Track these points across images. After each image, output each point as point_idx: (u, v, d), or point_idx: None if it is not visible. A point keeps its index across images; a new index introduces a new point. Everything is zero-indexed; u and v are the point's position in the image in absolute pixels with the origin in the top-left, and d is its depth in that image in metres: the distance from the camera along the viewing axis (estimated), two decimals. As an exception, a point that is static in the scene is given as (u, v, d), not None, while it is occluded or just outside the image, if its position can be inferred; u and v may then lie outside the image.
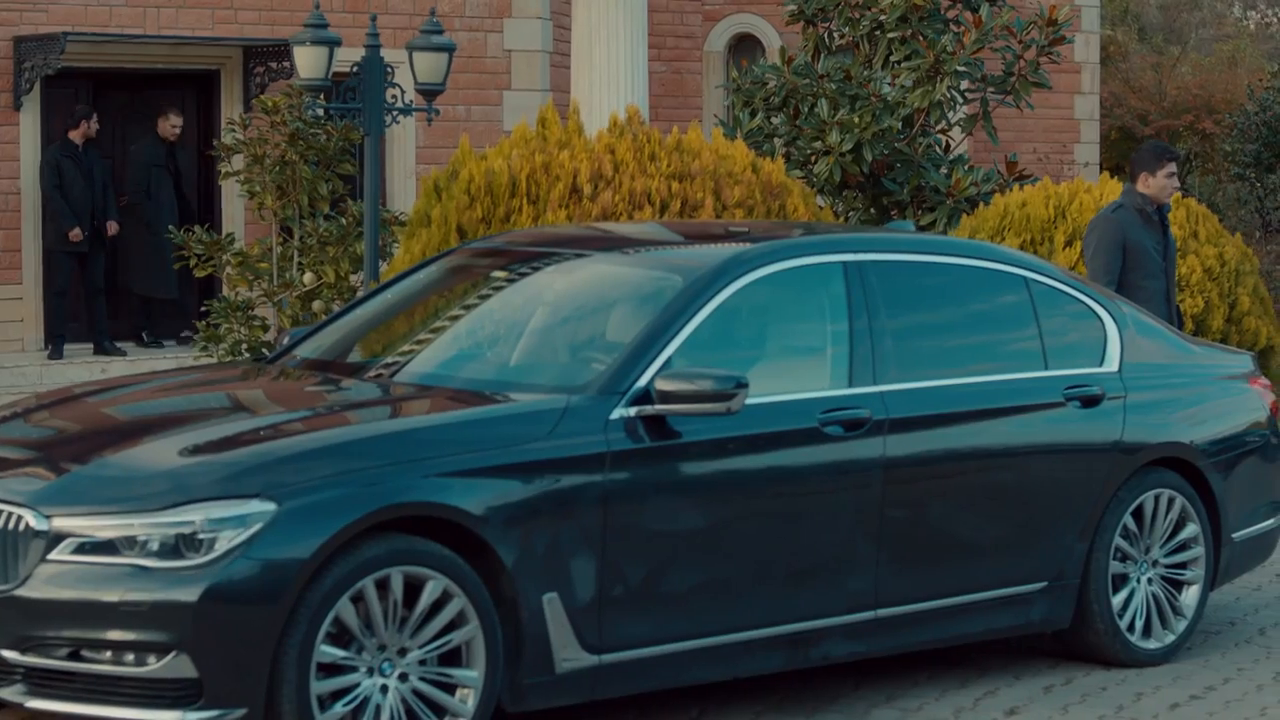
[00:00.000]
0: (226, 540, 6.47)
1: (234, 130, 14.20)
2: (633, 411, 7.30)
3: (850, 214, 15.12)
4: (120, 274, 18.45)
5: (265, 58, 18.58)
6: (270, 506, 6.52)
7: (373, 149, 12.99)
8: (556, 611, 7.10)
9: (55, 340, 17.60)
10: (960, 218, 14.17)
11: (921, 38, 14.84)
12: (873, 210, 15.14)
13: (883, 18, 15.00)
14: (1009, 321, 8.62)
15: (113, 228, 17.74)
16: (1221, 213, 24.01)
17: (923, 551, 8.07)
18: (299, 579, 6.50)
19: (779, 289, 8.01)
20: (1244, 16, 39.81)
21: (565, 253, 8.37)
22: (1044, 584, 8.47)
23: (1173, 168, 10.98)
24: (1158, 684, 8.53)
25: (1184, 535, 8.94)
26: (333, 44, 13.26)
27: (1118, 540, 8.68)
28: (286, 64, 17.86)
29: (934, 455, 8.08)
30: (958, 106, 15.30)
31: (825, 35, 15.77)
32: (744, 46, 22.41)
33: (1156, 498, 8.81)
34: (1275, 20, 40.36)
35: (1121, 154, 30.27)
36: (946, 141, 15.64)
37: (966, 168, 15.06)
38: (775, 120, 15.06)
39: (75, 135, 17.60)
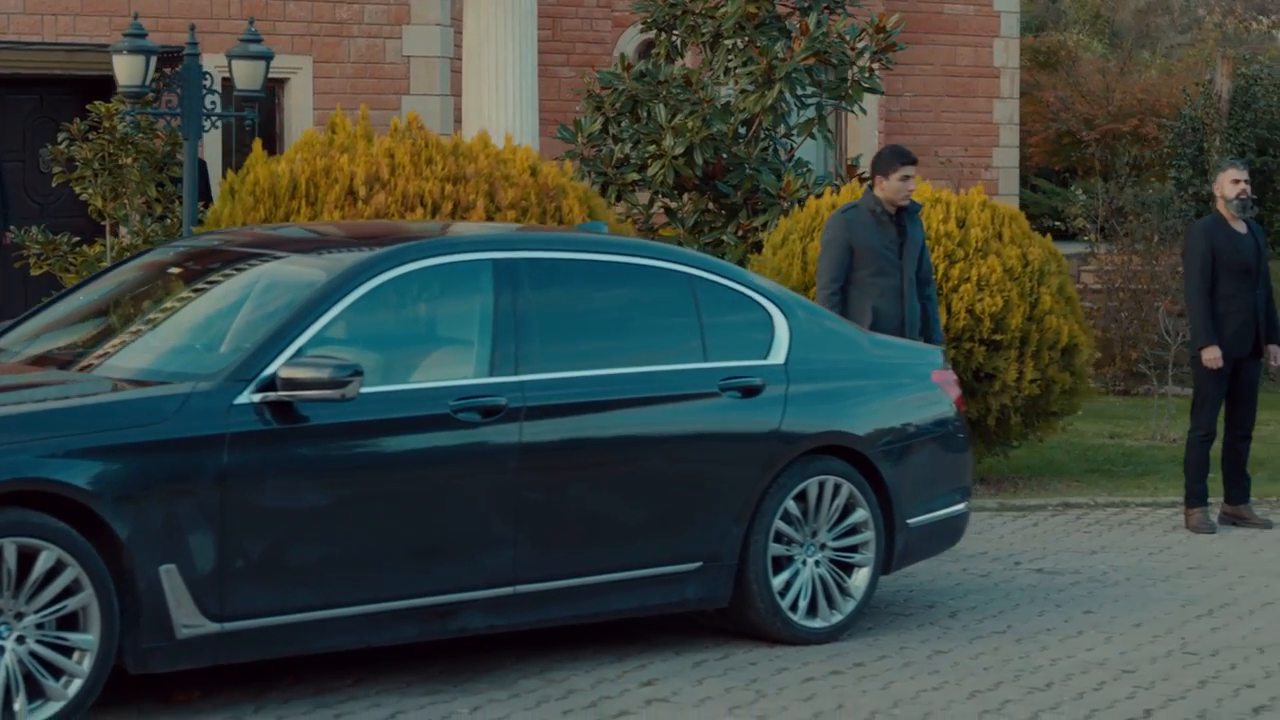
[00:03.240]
0: None
1: (68, 136, 14.77)
2: (258, 397, 7.83)
3: (689, 215, 15.61)
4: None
5: (160, 64, 19.11)
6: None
7: (191, 153, 13.55)
8: (174, 581, 7.62)
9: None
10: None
11: (755, 45, 15.32)
12: (710, 211, 15.62)
13: (722, 26, 15.49)
14: (669, 316, 9.09)
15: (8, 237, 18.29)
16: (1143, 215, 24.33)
17: (564, 531, 8.55)
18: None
19: (426, 284, 8.53)
20: (1222, 21, 40.00)
21: (262, 252, 8.89)
22: (699, 564, 8.95)
23: (907, 171, 11.44)
24: (807, 660, 9.00)
25: (853, 520, 9.40)
26: (150, 53, 13.80)
27: (778, 524, 9.14)
28: (169, 70, 18.37)
29: (575, 441, 8.57)
30: (795, 112, 15.75)
31: (677, 41, 16.25)
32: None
33: (821, 484, 9.27)
34: (1255, 24, 40.55)
35: (1067, 158, 30.64)
36: (793, 146, 16.10)
37: (804, 171, 15.52)
38: (622, 124, 15.56)
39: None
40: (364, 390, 7.98)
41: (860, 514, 9.41)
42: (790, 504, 9.17)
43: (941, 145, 24.03)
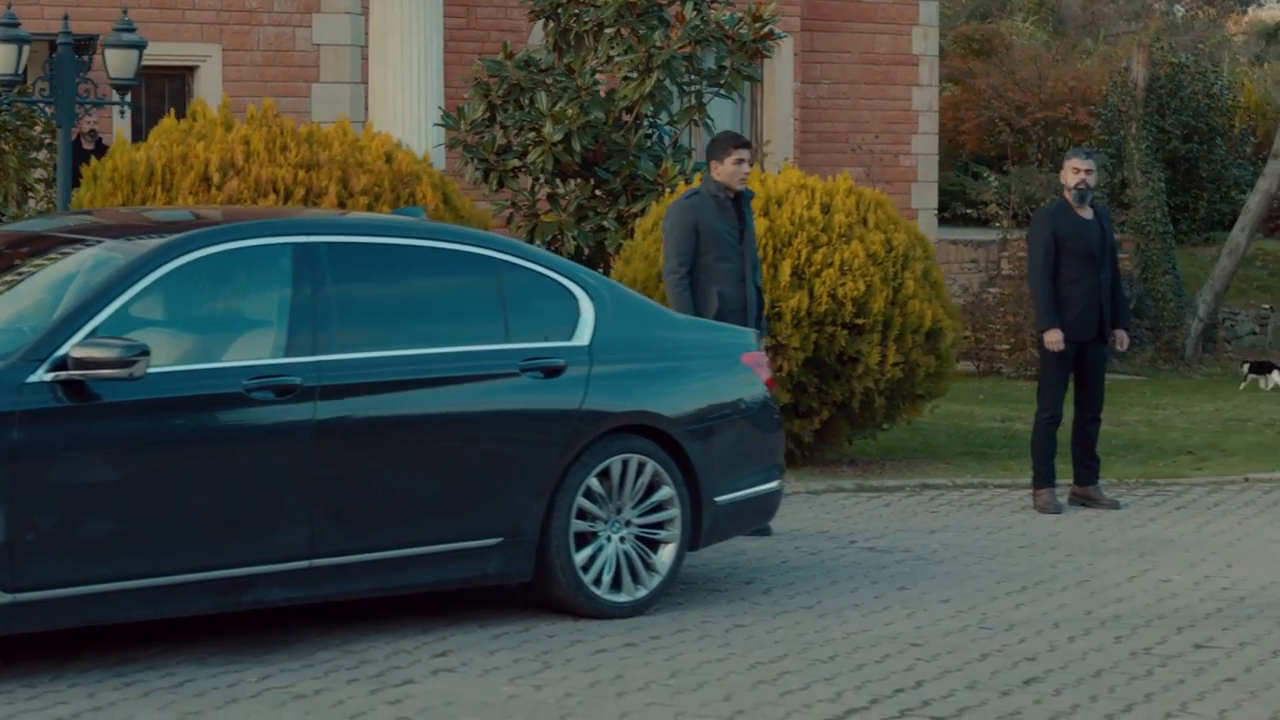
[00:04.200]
0: None
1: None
2: (49, 376, 8.10)
3: (572, 201, 15.88)
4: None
5: (78, 51, 19.36)
6: None
7: (64, 140, 13.81)
8: (-36, 553, 7.91)
9: None
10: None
11: (635, 34, 15.59)
12: (596, 197, 15.90)
13: (603, 15, 15.76)
14: (472, 299, 9.36)
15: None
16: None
17: (361, 507, 8.81)
18: None
19: (225, 267, 8.78)
20: (1169, 9, 40.30)
21: (77, 237, 9.14)
22: (500, 539, 9.22)
23: (741, 154, 11.72)
24: (606, 633, 9.27)
25: (658, 497, 9.67)
26: (22, 41, 14.05)
27: (581, 501, 9.41)
28: (86, 58, 18.63)
29: (371, 420, 8.84)
30: (675, 99, 16.01)
31: (562, 30, 16.50)
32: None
33: (625, 462, 9.54)
34: (1202, 12, 40.84)
35: (1001, 145, 30.92)
36: (675, 134, 16.37)
37: (683, 157, 15.80)
38: (508, 111, 15.82)
39: None
40: (158, 370, 8.26)
41: (665, 492, 9.67)
42: (593, 481, 9.44)
43: (860, 132, 24.32)
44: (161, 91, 19.81)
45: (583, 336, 9.56)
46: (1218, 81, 30.12)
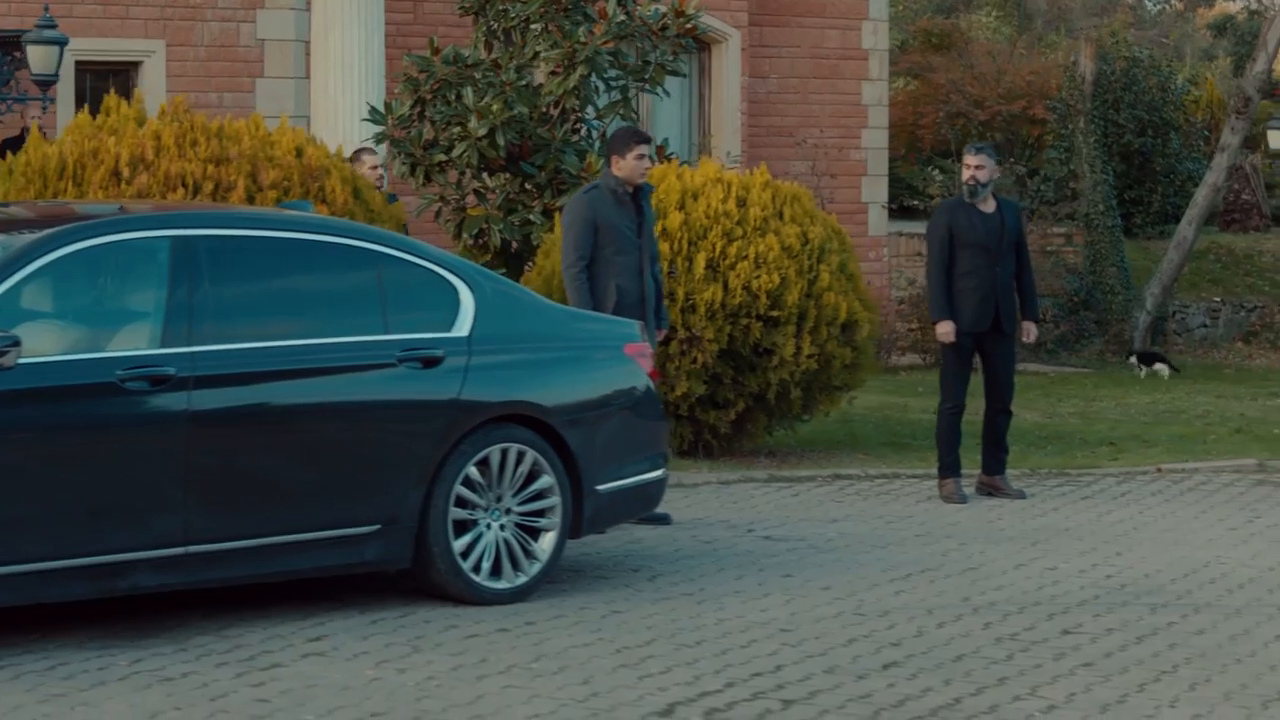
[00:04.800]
0: None
1: None
2: (-79, 366, 8.29)
3: (499, 195, 16.06)
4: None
5: (9, 47, 19.55)
6: None
7: (-15, 133, 13.98)
8: None
9: None
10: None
11: (559, 29, 15.77)
12: (525, 191, 16.08)
13: (529, 10, 15.93)
14: (351, 291, 9.54)
15: None
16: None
17: (237, 495, 9.00)
18: None
19: (103, 260, 8.97)
20: (1139, 3, 40.49)
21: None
22: (378, 527, 9.40)
23: (642, 150, 11.91)
24: (482, 619, 9.45)
25: (538, 486, 9.86)
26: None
27: (460, 489, 9.59)
28: (19, 54, 18.75)
29: (246, 409, 9.03)
30: (601, 94, 16.19)
31: (490, 26, 16.67)
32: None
33: (504, 451, 9.73)
34: (1169, 5, 41.04)
35: (959, 139, 31.06)
36: (602, 128, 16.53)
37: (607, 152, 15.96)
38: (436, 107, 16.00)
39: None
40: (31, 360, 8.44)
41: (545, 480, 9.86)
42: (472, 470, 9.62)
43: (809, 127, 24.47)
44: (107, 87, 19.96)
45: (462, 328, 9.74)
46: (1173, 75, 30.31)
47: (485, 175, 16.13)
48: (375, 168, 14.18)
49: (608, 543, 11.52)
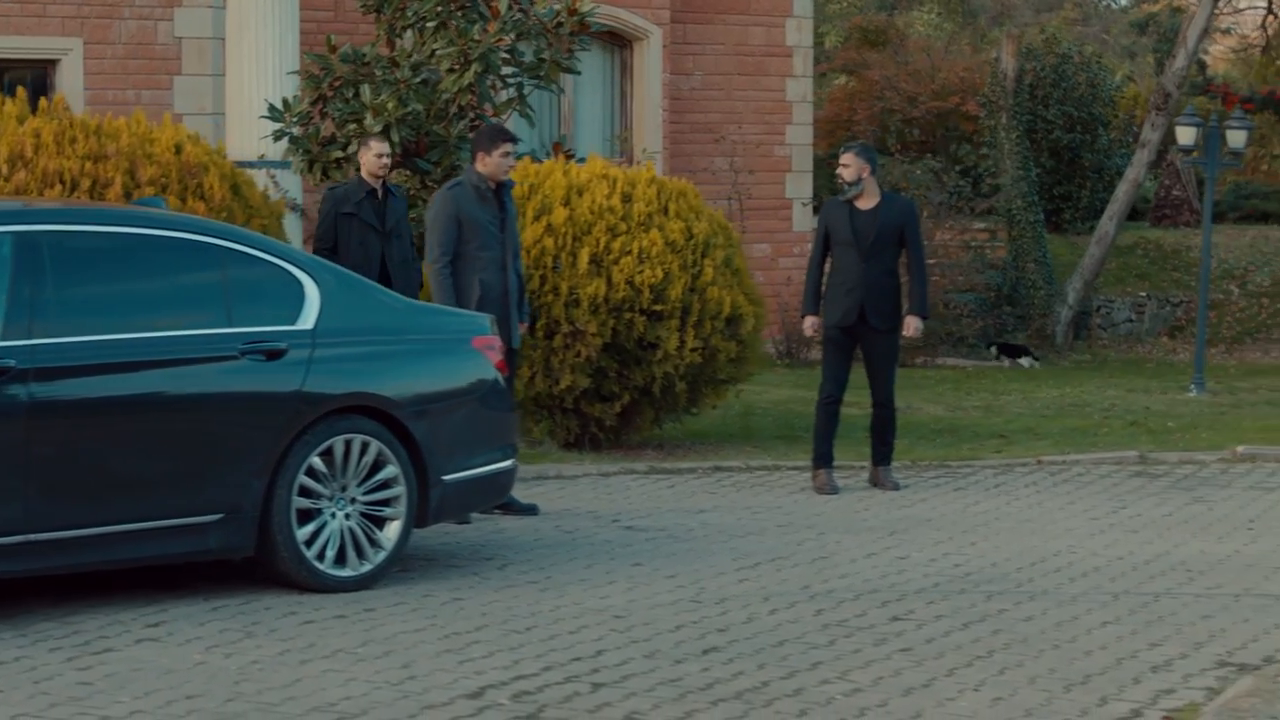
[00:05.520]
0: None
1: None
2: None
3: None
4: None
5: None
6: None
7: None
8: None
9: None
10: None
11: (455, 27, 16.00)
12: (427, 187, 16.30)
13: (424, 9, 16.16)
14: (195, 285, 9.77)
15: None
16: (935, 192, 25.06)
17: (78, 484, 9.22)
18: None
19: (-59, 257, 9.19)
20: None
21: None
22: (220, 516, 9.63)
23: (507, 148, 12.17)
24: (322, 606, 9.67)
25: (383, 476, 10.09)
26: None
27: (303, 479, 9.82)
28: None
29: (87, 400, 9.26)
30: (499, 91, 16.42)
31: (391, 24, 16.90)
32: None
33: (348, 442, 9.96)
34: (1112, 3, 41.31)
35: (893, 135, 31.29)
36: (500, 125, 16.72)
37: (510, 150, 16.20)
38: (335, 104, 16.21)
39: None
40: None
41: (391, 470, 10.09)
42: (316, 460, 9.85)
43: (733, 123, 24.69)
44: (24, 84, 20.14)
45: (307, 321, 9.96)
46: (1103, 72, 30.58)
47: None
48: (381, 155, 13.79)
49: (470, 532, 11.75)
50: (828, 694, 8.25)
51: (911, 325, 13.80)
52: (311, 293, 10.03)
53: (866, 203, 13.59)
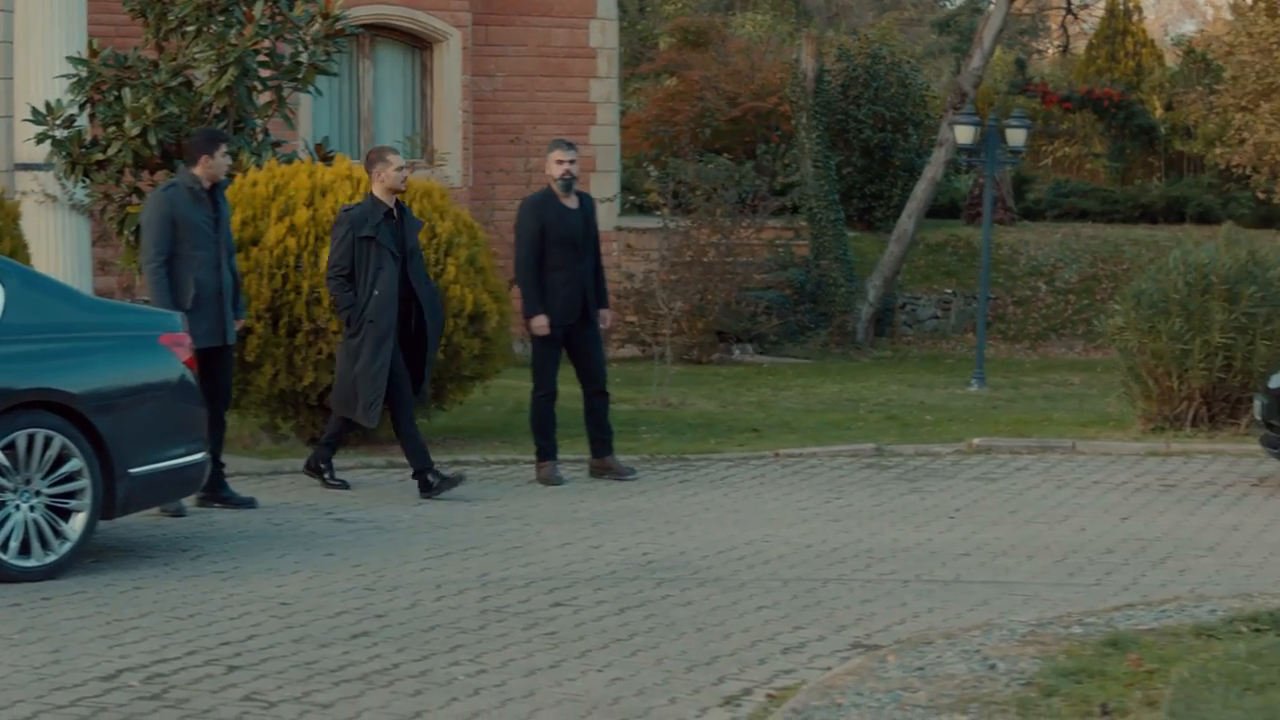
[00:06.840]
0: None
1: None
2: None
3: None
4: None
5: None
6: None
7: None
8: None
9: None
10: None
11: (212, 31, 16.35)
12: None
13: (183, 13, 16.50)
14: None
15: None
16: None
17: None
18: None
19: None
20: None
21: None
22: None
23: (224, 149, 12.59)
24: (2, 596, 10.03)
25: (67, 469, 10.47)
26: None
27: (-14, 472, 10.20)
28: None
29: None
30: (259, 94, 16.76)
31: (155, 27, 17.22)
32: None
33: (31, 436, 10.34)
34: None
35: (719, 134, 31.77)
36: (266, 127, 17.11)
37: (269, 148, 16.57)
38: (99, 107, 16.54)
39: None
40: None
41: (75, 463, 10.46)
42: (-1, 454, 10.22)
43: (536, 124, 25.11)
44: None
45: (-10, 320, 10.32)
46: (913, 72, 31.18)
47: (147, 174, 16.67)
48: (402, 169, 13.53)
49: (182, 524, 12.12)
50: (451, 675, 8.63)
51: (607, 317, 14.32)
52: (-8, 293, 10.38)
53: (572, 200, 14.07)
